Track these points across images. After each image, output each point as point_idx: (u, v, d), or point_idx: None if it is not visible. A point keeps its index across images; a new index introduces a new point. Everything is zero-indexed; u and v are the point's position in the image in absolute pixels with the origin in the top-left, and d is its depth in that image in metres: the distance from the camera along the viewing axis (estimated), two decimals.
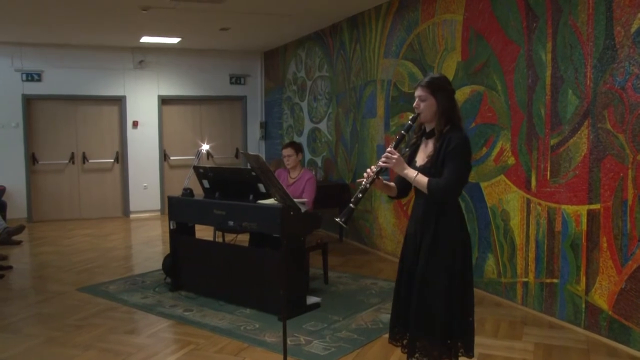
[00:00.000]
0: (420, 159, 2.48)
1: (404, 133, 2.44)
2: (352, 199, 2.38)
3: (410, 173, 2.38)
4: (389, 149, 2.41)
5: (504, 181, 4.11)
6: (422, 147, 2.52)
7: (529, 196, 3.90)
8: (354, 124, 6.36)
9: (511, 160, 4.04)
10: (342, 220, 2.37)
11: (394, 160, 2.38)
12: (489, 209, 4.27)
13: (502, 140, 4.12)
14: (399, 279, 2.53)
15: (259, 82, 9.29)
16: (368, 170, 2.43)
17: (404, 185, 2.58)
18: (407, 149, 2.57)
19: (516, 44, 3.96)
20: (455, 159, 2.30)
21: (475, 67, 4.36)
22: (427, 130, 2.48)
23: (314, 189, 4.49)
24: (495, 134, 4.18)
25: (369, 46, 5.99)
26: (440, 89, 2.39)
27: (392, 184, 2.63)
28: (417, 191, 2.50)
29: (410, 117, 2.47)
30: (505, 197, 4.11)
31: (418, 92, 2.43)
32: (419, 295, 2.38)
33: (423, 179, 2.36)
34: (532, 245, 3.89)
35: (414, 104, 2.47)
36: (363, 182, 2.40)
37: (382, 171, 2.40)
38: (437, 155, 2.36)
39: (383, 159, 2.39)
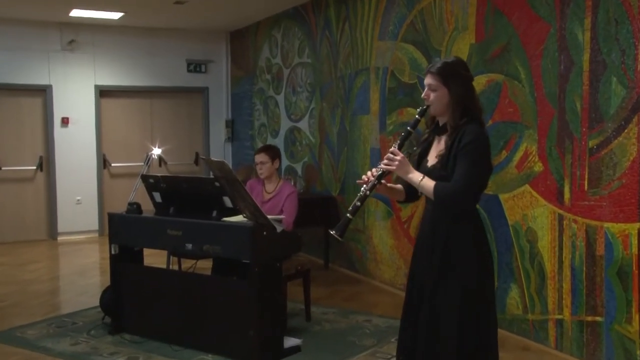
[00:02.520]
0: (432, 158, 2.58)
1: (410, 129, 2.57)
2: (350, 208, 2.52)
3: (415, 177, 2.50)
4: (391, 149, 2.53)
5: (530, 193, 4.10)
6: (434, 144, 2.62)
7: (561, 211, 3.89)
8: (342, 123, 6.34)
9: (538, 167, 4.04)
10: (338, 233, 2.50)
11: (396, 163, 2.50)
12: (510, 228, 4.26)
13: (526, 142, 4.12)
14: (408, 301, 2.61)
15: (224, 70, 9.26)
16: (368, 173, 2.57)
17: (413, 187, 2.69)
18: (415, 148, 2.70)
19: (545, 21, 3.95)
20: (467, 158, 2.40)
21: (493, 51, 4.36)
22: (441, 124, 2.58)
23: (296, 206, 4.51)
24: (518, 133, 4.18)
25: (360, 25, 5.98)
26: (455, 76, 2.50)
27: (399, 186, 2.75)
28: (437, 204, 2.60)
29: (418, 109, 2.59)
30: (531, 212, 4.10)
31: (428, 80, 2.54)
32: (429, 322, 2.47)
33: (429, 184, 2.46)
34: (567, 272, 3.87)
35: (423, 94, 2.57)
36: (362, 189, 2.53)
37: (384, 175, 2.54)
38: (448, 153, 2.46)
39: (385, 161, 2.52)
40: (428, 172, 2.51)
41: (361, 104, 6.01)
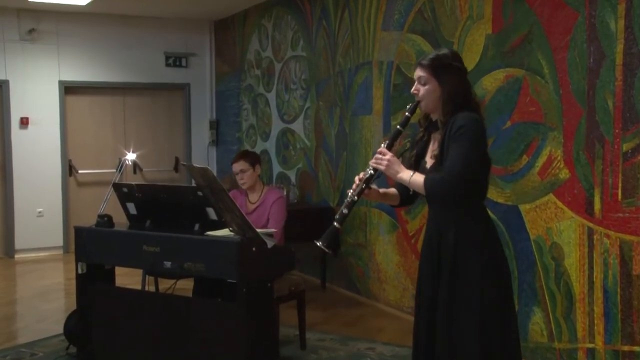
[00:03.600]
0: (430, 158, 2.71)
1: (400, 128, 2.68)
2: (337, 216, 2.62)
3: (405, 175, 2.61)
4: (379, 149, 2.66)
5: (555, 203, 4.10)
6: (431, 144, 2.74)
7: (591, 224, 3.88)
8: (341, 124, 6.36)
9: (564, 174, 4.04)
10: (324, 244, 2.58)
11: (385, 162, 2.61)
12: (532, 243, 4.26)
13: (550, 146, 4.13)
14: (418, 318, 2.70)
15: (208, 64, 9.30)
16: (356, 178, 2.68)
17: (408, 190, 2.79)
18: (408, 149, 2.81)
19: (572, 8, 3.96)
20: (456, 143, 2.50)
21: (513, 42, 4.37)
22: (434, 120, 2.72)
23: (284, 212, 4.55)
24: (540, 136, 4.19)
25: (361, 14, 6.01)
26: (446, 68, 2.62)
27: (393, 190, 2.86)
28: (429, 199, 2.71)
29: (408, 106, 2.71)
30: (556, 225, 4.10)
31: (417, 73, 2.69)
32: (445, 338, 2.54)
33: (419, 179, 2.58)
34: (598, 294, 3.86)
35: (412, 89, 2.70)
36: (349, 194, 2.65)
37: (372, 178, 2.63)
38: (441, 149, 2.57)
39: (372, 162, 2.64)
40: (427, 174, 2.62)
41: (362, 103, 6.01)
